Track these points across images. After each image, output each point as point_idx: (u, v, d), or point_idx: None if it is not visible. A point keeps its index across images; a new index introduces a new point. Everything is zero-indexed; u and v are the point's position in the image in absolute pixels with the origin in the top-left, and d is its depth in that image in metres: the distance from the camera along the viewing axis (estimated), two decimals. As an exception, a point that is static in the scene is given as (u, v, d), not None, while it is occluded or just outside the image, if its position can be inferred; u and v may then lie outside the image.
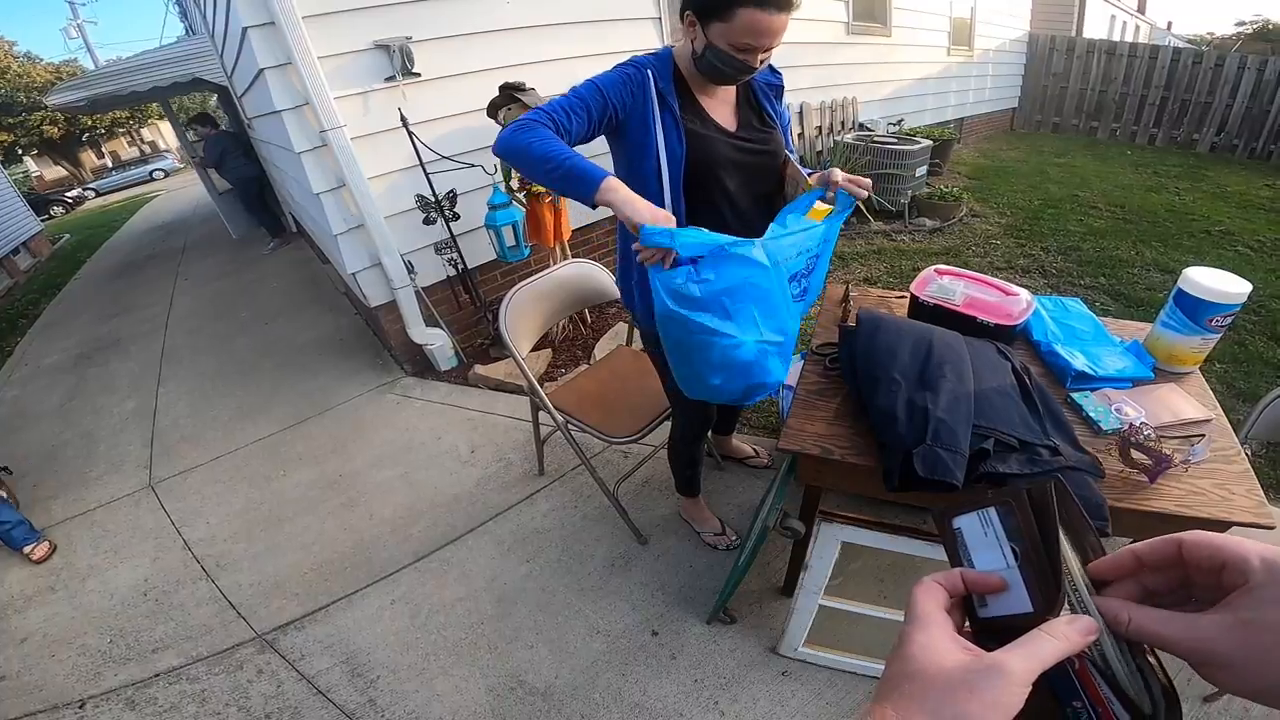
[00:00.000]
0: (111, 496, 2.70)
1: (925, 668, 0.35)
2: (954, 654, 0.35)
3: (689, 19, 1.16)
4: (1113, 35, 11.88)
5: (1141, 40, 12.55)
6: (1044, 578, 0.36)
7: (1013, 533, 0.37)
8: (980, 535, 0.39)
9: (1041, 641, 0.34)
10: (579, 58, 3.32)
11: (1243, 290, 1.22)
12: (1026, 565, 0.37)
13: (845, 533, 1.27)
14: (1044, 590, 0.36)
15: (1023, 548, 0.37)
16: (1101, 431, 1.12)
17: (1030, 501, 0.37)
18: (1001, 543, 0.38)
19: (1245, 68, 7.61)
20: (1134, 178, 6.50)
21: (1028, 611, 0.37)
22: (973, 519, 0.39)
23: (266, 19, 2.36)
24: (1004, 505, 0.38)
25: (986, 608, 0.39)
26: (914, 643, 0.36)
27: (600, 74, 1.23)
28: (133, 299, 5.74)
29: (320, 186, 2.75)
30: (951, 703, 0.32)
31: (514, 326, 1.89)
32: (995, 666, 0.33)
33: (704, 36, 1.15)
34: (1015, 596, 0.37)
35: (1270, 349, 3.02)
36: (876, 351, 1.14)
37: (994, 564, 0.38)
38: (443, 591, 1.97)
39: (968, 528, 0.40)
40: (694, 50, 1.20)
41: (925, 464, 0.94)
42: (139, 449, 3.06)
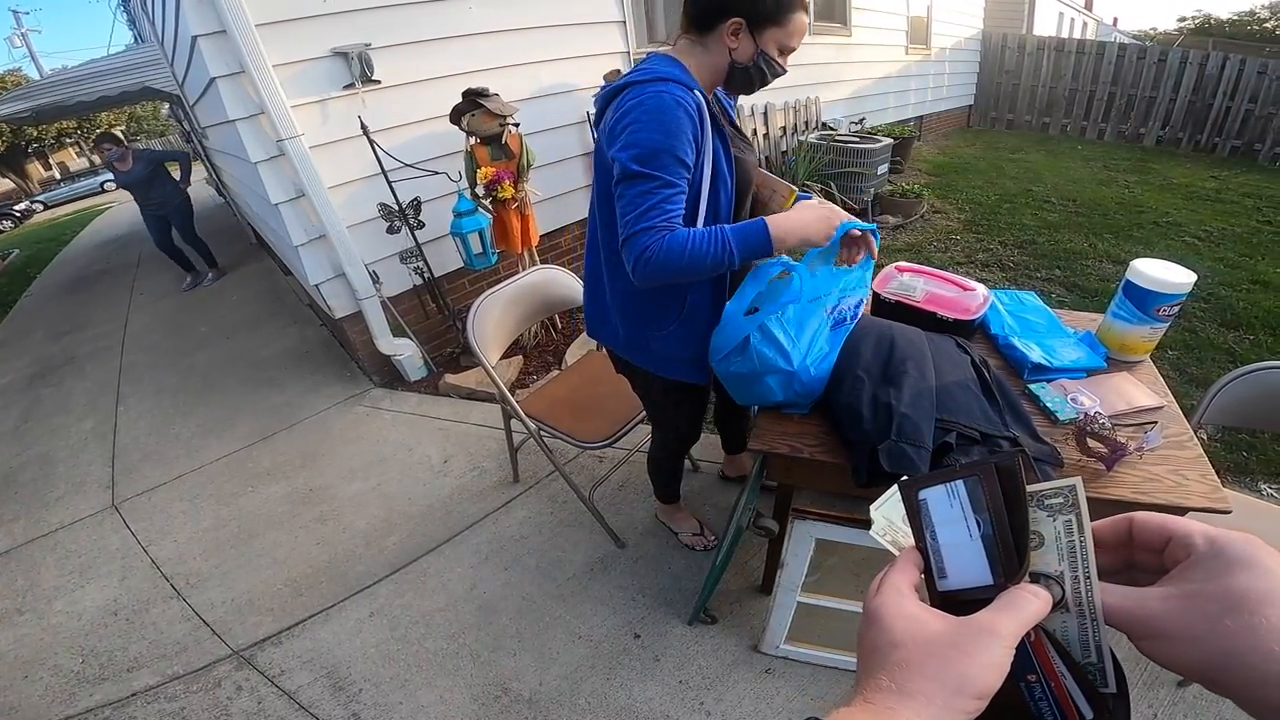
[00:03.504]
0: (74, 517, 2.62)
1: (912, 636, 0.34)
2: (934, 621, 0.35)
3: (732, 27, 1.10)
4: (1062, 32, 12.26)
5: (1089, 37, 12.98)
6: (1007, 549, 0.36)
7: (978, 506, 0.37)
8: (946, 509, 0.39)
9: (1024, 601, 0.34)
10: (544, 62, 3.33)
11: (1188, 280, 1.27)
12: (991, 537, 0.37)
13: (818, 529, 1.29)
14: (1006, 562, 0.36)
15: (987, 520, 0.37)
16: (1059, 421, 1.16)
17: (998, 475, 0.37)
18: (967, 516, 0.38)
19: (1187, 63, 7.93)
20: (1085, 172, 6.73)
21: (989, 584, 0.37)
22: (939, 492, 0.39)
23: (217, 27, 2.31)
24: (971, 478, 0.37)
25: (946, 580, 0.39)
26: (890, 614, 0.36)
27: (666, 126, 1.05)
28: (87, 315, 5.55)
29: (278, 197, 2.69)
30: (949, 665, 0.32)
31: (482, 335, 1.88)
32: (985, 627, 0.33)
33: (753, 44, 1.12)
34: (977, 568, 0.37)
35: (1220, 335, 3.14)
36: (842, 350, 1.16)
37: (957, 537, 0.38)
38: (422, 602, 1.95)
39: (934, 500, 0.39)
40: (733, 60, 1.14)
41: (891, 459, 0.96)
42: (100, 469, 2.97)
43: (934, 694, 0.32)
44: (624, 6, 3.63)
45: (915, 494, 0.40)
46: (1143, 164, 7.15)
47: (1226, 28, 23.50)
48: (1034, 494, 0.37)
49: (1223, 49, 8.68)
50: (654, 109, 1.04)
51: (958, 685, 0.32)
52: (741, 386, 1.19)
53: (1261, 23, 23.66)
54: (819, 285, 1.20)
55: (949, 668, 0.32)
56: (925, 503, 0.40)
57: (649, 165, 1.04)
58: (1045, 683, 0.36)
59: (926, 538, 0.40)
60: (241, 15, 2.27)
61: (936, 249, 4.36)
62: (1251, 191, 5.95)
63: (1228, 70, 7.63)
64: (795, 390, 1.14)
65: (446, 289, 3.26)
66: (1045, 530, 0.37)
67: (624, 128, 1.06)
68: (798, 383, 1.12)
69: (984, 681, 0.32)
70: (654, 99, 1.05)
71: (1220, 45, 11.34)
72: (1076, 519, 0.36)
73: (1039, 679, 0.37)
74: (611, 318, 1.36)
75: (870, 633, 0.36)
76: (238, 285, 5.55)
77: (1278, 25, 23.14)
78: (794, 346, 1.10)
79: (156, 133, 28.61)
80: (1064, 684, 0.36)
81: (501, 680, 1.70)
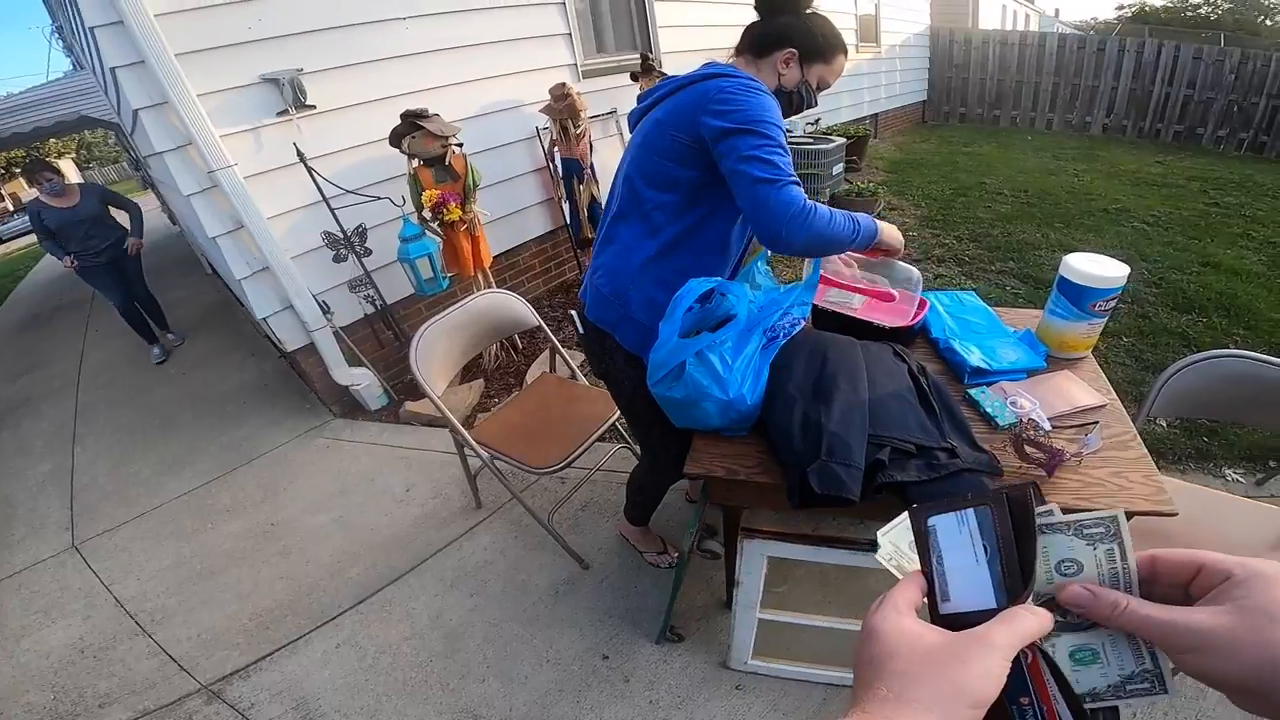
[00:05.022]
0: (36, 559, 2.58)
1: (909, 648, 0.35)
2: (930, 634, 0.36)
3: (786, 56, 1.24)
4: (1006, 25, 12.57)
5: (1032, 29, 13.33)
6: (1013, 574, 0.37)
7: (987, 532, 0.39)
8: (954, 535, 0.40)
9: (1021, 618, 0.35)
10: (488, 79, 3.29)
11: (1120, 274, 1.26)
12: (996, 562, 0.38)
13: (769, 548, 1.27)
14: (1010, 586, 0.37)
15: (993, 546, 0.38)
16: (999, 427, 1.14)
17: (1009, 504, 0.38)
18: (974, 542, 0.39)
19: (1125, 51, 8.18)
20: (1035, 162, 6.88)
21: (991, 608, 0.37)
22: (949, 519, 0.40)
23: (135, 58, 2.22)
24: (982, 508, 0.39)
25: (949, 603, 0.39)
26: (887, 629, 0.37)
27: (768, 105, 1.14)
28: (41, 354, 5.38)
29: (215, 229, 2.60)
30: (946, 674, 0.33)
31: (427, 365, 1.84)
32: (981, 639, 0.34)
33: (800, 74, 1.26)
34: (981, 592, 0.38)
35: (1173, 319, 3.20)
36: (772, 368, 1.14)
37: (963, 561, 0.39)
38: (388, 632, 1.93)
39: (943, 527, 0.40)
40: (781, 85, 1.26)
41: (821, 481, 0.94)
42: (59, 510, 2.91)
43: (931, 701, 0.32)
44: (569, 19, 3.61)
45: (924, 520, 0.41)
46: (1090, 152, 7.34)
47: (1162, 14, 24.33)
48: (1073, 524, 0.38)
49: (1159, 36, 8.99)
50: (758, 94, 1.14)
51: (954, 693, 0.33)
52: (678, 411, 1.16)
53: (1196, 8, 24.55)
54: (760, 309, 1.19)
55: (946, 676, 0.33)
56: (934, 529, 0.41)
57: (766, 127, 1.10)
58: (1037, 705, 0.37)
59: (933, 561, 0.40)
60: (159, 45, 2.19)
61: (893, 246, 4.39)
62: (1197, 175, 6.15)
63: (1164, 57, 7.89)
64: (731, 417, 1.12)
65: (401, 315, 3.19)
66: (1084, 558, 0.38)
67: (728, 99, 1.12)
68: (734, 410, 1.10)
69: (981, 690, 0.33)
70: (756, 88, 1.15)
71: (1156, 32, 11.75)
72: (1119, 547, 0.37)
73: (1031, 702, 0.37)
74: (630, 296, 1.29)
75: (868, 647, 0.37)
76: (195, 318, 5.39)
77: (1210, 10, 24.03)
78: (730, 373, 1.08)
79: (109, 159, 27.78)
80: (1056, 708, 0.37)
81: (471, 707, 1.68)
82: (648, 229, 1.25)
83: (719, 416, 1.11)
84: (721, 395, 1.07)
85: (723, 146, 1.11)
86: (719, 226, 1.25)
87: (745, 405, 1.09)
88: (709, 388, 1.07)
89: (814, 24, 1.25)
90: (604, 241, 1.35)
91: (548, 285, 4.10)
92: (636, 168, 1.26)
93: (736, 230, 1.29)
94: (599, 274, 1.34)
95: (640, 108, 1.33)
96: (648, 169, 1.23)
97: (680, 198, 1.21)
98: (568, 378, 2.24)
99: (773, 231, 1.08)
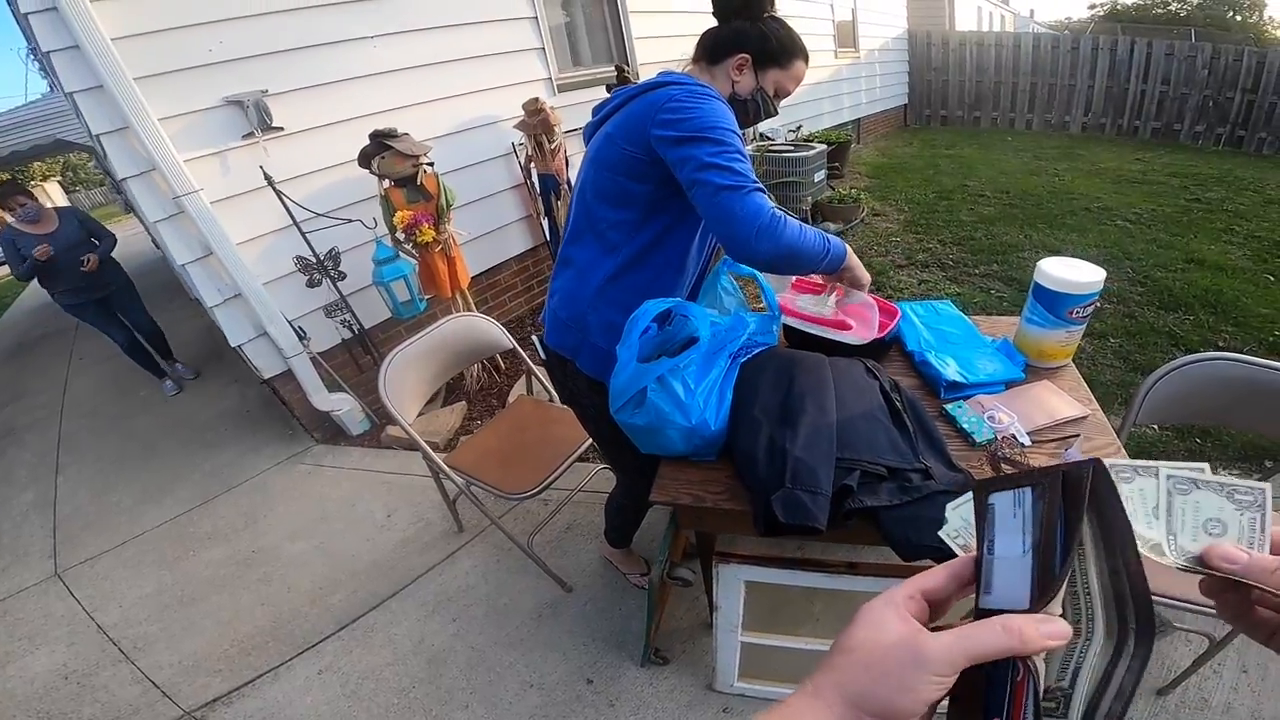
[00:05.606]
0: (19, 587, 2.58)
1: (862, 641, 0.34)
2: (894, 630, 0.33)
3: (739, 62, 1.20)
4: (982, 26, 12.65)
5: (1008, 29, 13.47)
6: (1044, 569, 0.33)
7: (1039, 517, 0.34)
8: (1009, 517, 0.36)
9: (981, 631, 0.31)
10: (461, 95, 3.26)
11: (1096, 279, 1.23)
12: (1036, 554, 0.33)
13: (745, 572, 1.23)
14: (1041, 583, 0.32)
15: (1038, 535, 0.33)
16: (976, 444, 1.10)
17: (1064, 486, 0.33)
18: (1025, 527, 0.34)
19: (1099, 49, 8.26)
20: (1016, 162, 6.92)
21: (1023, 608, 0.33)
22: (1007, 498, 0.36)
23: (93, 83, 2.17)
24: (1038, 485, 0.34)
25: (989, 596, 0.35)
26: (864, 617, 0.35)
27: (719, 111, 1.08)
28: (25, 383, 5.32)
29: (184, 257, 2.55)
30: (867, 677, 0.32)
31: (397, 393, 1.81)
32: (914, 647, 0.32)
33: (754, 80, 1.22)
34: (1018, 588, 0.34)
35: (1159, 317, 3.18)
36: (736, 389, 1.09)
37: (1011, 549, 0.35)
38: (370, 658, 1.92)
39: (1000, 506, 0.36)
40: (734, 93, 1.22)
41: (785, 509, 0.90)
42: (42, 539, 2.91)
43: (834, 702, 0.32)
44: (542, 33, 3.59)
45: (986, 496, 0.37)
46: (1070, 151, 7.39)
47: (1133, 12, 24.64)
48: (1226, 485, 0.37)
49: (1130, 34, 9.08)
50: (708, 99, 1.09)
51: (857, 698, 0.31)
52: (643, 437, 1.11)
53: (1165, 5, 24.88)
54: (726, 329, 1.15)
55: (858, 679, 0.32)
56: (993, 508, 0.37)
57: (721, 134, 1.05)
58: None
59: (984, 546, 0.37)
60: (117, 69, 2.14)
61: (877, 253, 4.38)
62: (1177, 171, 6.18)
63: (1137, 54, 7.97)
64: (696, 443, 1.07)
65: (380, 339, 3.14)
66: (1230, 521, 0.37)
67: (677, 107, 1.07)
68: (698, 436, 1.05)
69: (891, 703, 0.31)
70: (705, 94, 1.10)
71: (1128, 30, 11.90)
72: (1261, 519, 0.36)
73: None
74: (588, 321, 1.24)
75: (843, 632, 0.35)
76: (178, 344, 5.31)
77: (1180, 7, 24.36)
78: (692, 399, 1.03)
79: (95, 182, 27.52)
80: None
81: (454, 733, 1.63)
82: (603, 249, 1.20)
83: (683, 442, 1.07)
84: (684, 422, 1.03)
85: (677, 156, 1.05)
86: (677, 242, 1.20)
87: (709, 431, 1.04)
88: (671, 414, 1.02)
89: (769, 28, 1.20)
90: (560, 264, 1.30)
91: (530, 304, 4.05)
92: (589, 185, 1.21)
93: (695, 245, 1.24)
94: (556, 298, 1.29)
95: (593, 121, 1.27)
96: (600, 185, 1.18)
97: (635, 214, 1.16)
98: (545, 400, 2.20)
99: (740, 241, 1.02)
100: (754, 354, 1.15)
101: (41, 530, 2.99)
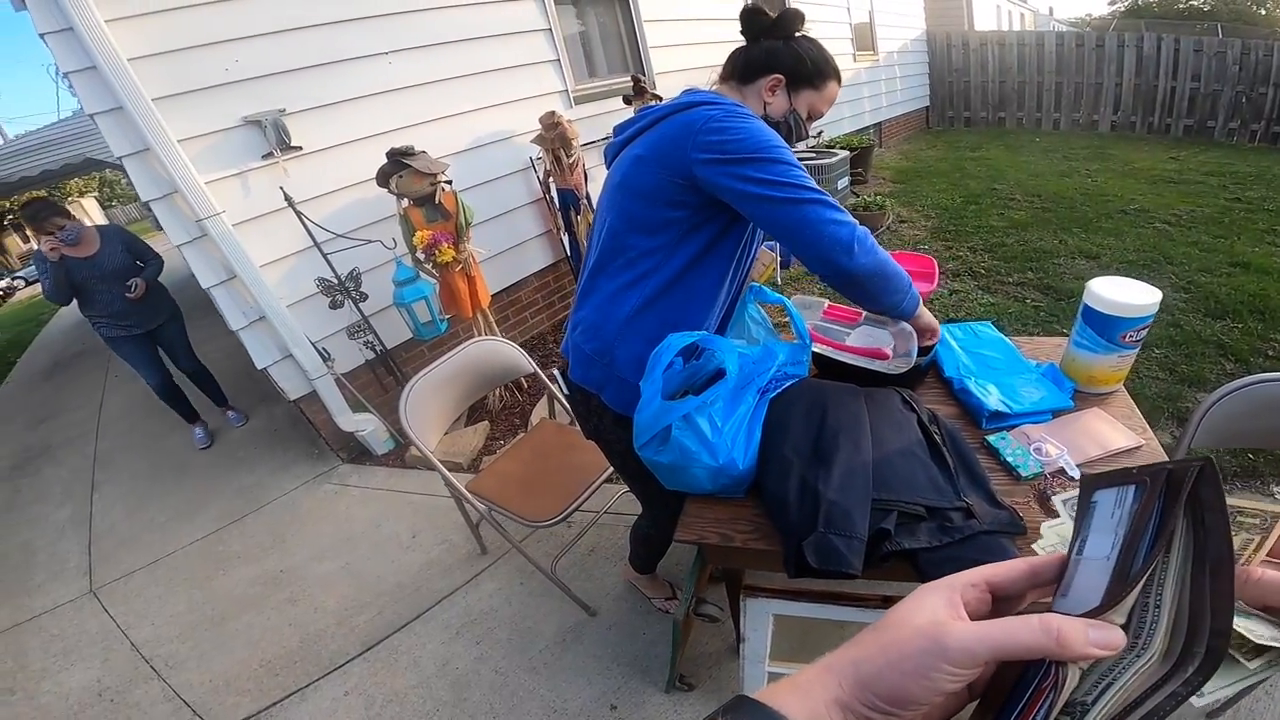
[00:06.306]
0: (55, 603, 2.65)
1: (893, 621, 0.33)
2: (926, 613, 0.32)
3: (772, 83, 1.17)
4: (1001, 25, 12.45)
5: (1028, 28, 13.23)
6: (1120, 574, 0.30)
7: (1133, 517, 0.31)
8: (1107, 516, 0.33)
9: (1013, 625, 0.29)
10: (478, 110, 3.26)
11: (1153, 300, 1.14)
12: (1120, 556, 0.31)
13: (774, 605, 1.17)
14: (1114, 587, 0.30)
15: (1127, 536, 0.31)
16: (1022, 478, 1.03)
17: (1168, 485, 0.30)
18: (1119, 528, 0.32)
19: (1124, 46, 8.05)
20: (1046, 164, 6.74)
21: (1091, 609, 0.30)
22: (1110, 495, 0.33)
23: (113, 104, 2.19)
24: (1142, 485, 0.32)
25: (1064, 599, 0.33)
26: (910, 601, 0.33)
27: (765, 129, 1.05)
28: (63, 401, 5.48)
29: (209, 280, 2.57)
30: (874, 657, 0.31)
31: (417, 420, 1.80)
32: (935, 633, 0.30)
33: (788, 102, 1.19)
34: (1094, 592, 0.31)
35: (1206, 326, 3.02)
36: (766, 425, 1.04)
37: (1099, 550, 0.32)
38: (394, 681, 1.92)
39: (1103, 504, 0.34)
40: (767, 114, 1.19)
41: (818, 554, 0.84)
42: (78, 556, 2.99)
43: (845, 679, 0.31)
44: (557, 45, 3.58)
45: (1091, 494, 0.35)
46: (1102, 151, 7.19)
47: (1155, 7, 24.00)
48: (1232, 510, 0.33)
49: (1155, 30, 8.85)
50: (750, 119, 1.05)
51: (869, 678, 0.30)
52: (668, 475, 1.07)
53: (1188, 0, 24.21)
54: (754, 362, 1.10)
55: (874, 658, 0.31)
56: (1095, 505, 0.35)
57: (779, 153, 1.01)
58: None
59: (1075, 546, 0.34)
60: (135, 89, 2.15)
61: (904, 261, 4.27)
62: (1214, 169, 5.96)
63: (1164, 51, 7.75)
64: (723, 482, 1.02)
65: (404, 359, 3.15)
66: None
67: (723, 129, 1.02)
68: (725, 475, 1.00)
69: (900, 688, 0.29)
70: (745, 114, 1.06)
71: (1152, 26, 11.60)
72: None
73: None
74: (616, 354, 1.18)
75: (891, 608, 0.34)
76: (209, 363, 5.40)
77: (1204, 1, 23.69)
78: (719, 438, 0.99)
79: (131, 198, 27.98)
80: None
81: (477, 759, 1.61)
82: (632, 278, 1.14)
83: (710, 481, 1.02)
84: (711, 461, 0.98)
85: (731, 180, 1.00)
86: (709, 271, 1.15)
87: (737, 470, 0.99)
88: (697, 453, 0.98)
89: (802, 48, 1.16)
90: (584, 294, 1.24)
91: (552, 320, 4.03)
92: (617, 211, 1.15)
93: (729, 274, 1.19)
94: (579, 330, 1.24)
95: (617, 142, 1.22)
96: (630, 211, 1.12)
97: (667, 242, 1.11)
98: (567, 423, 2.16)
99: (838, 251, 0.98)
100: (784, 387, 1.09)
101: (77, 547, 3.07)
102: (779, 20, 1.16)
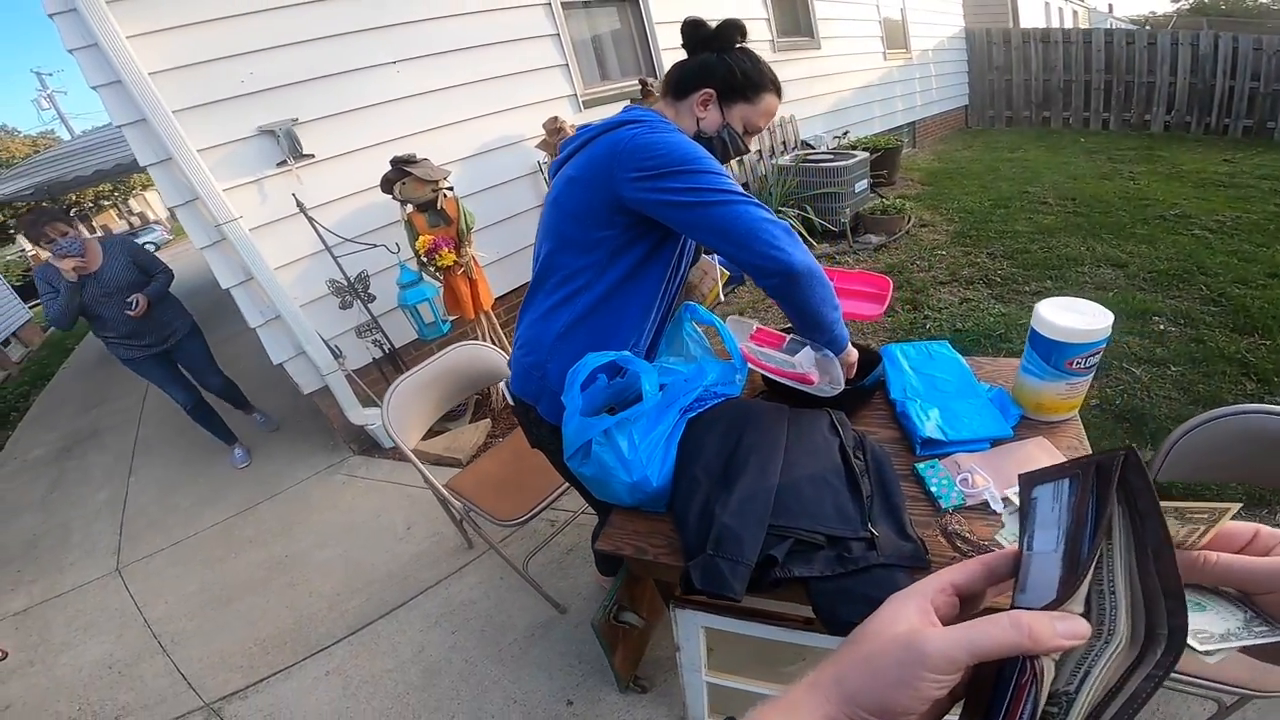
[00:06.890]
0: (84, 580, 2.83)
1: (872, 632, 0.33)
2: (903, 622, 0.33)
3: (703, 98, 1.16)
4: (1050, 22, 11.88)
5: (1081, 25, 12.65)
6: (1070, 564, 0.31)
7: (1072, 508, 0.33)
8: (1048, 510, 0.34)
9: (987, 626, 0.30)
10: (485, 116, 3.33)
11: (1101, 325, 1.09)
12: (1066, 546, 0.32)
13: (703, 618, 1.19)
14: (1067, 577, 0.31)
15: (1070, 526, 0.32)
16: (941, 509, 1.02)
17: (1096, 475, 0.32)
18: (1060, 521, 0.33)
19: (1179, 44, 7.65)
20: (1087, 165, 6.46)
21: (1050, 601, 0.31)
22: (1048, 490, 0.35)
23: (136, 116, 2.33)
24: (1077, 478, 0.33)
25: (1024, 595, 0.34)
26: (885, 609, 0.34)
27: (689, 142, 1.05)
28: (110, 389, 5.76)
29: (228, 281, 2.72)
30: (859, 673, 0.31)
31: (400, 420, 1.89)
32: (913, 642, 0.31)
33: (720, 117, 1.17)
34: (1048, 587, 0.32)
35: (1233, 342, 2.84)
36: (685, 442, 1.06)
37: (1046, 545, 0.34)
38: (373, 664, 2.02)
39: (1042, 500, 0.35)
40: (700, 130, 1.18)
41: (703, 576, 0.86)
42: (109, 537, 3.18)
43: (832, 694, 0.31)
44: (565, 49, 3.62)
45: (1031, 490, 0.36)
46: (1150, 152, 6.85)
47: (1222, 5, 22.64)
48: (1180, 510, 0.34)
49: (1219, 28, 8.37)
50: (673, 132, 1.06)
51: (854, 694, 0.31)
52: (595, 486, 1.10)
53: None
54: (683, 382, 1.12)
55: (857, 673, 0.31)
56: (1036, 502, 0.35)
57: (702, 163, 1.02)
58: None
59: (1024, 543, 0.35)
60: (156, 102, 2.28)
61: (919, 267, 4.17)
62: (1269, 173, 5.60)
63: (1222, 49, 7.33)
64: (639, 498, 1.05)
65: (412, 357, 3.24)
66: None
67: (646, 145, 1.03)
68: (640, 491, 1.03)
69: (887, 701, 0.30)
70: (667, 128, 1.07)
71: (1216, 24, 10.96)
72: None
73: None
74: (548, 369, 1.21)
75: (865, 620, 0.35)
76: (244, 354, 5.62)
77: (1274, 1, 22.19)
78: (635, 454, 1.01)
79: None
80: None
81: (438, 743, 1.71)
82: (564, 296, 1.17)
83: (628, 496, 1.05)
84: (626, 477, 1.01)
85: (657, 194, 1.01)
86: (640, 291, 1.17)
87: (650, 487, 1.02)
88: (615, 468, 1.01)
89: (735, 60, 1.15)
90: (523, 309, 1.28)
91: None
92: (551, 230, 1.18)
93: (659, 294, 1.21)
94: (519, 345, 1.28)
95: (558, 160, 1.22)
96: (562, 231, 1.15)
97: (597, 261, 1.13)
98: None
99: (770, 246, 0.98)
100: (709, 407, 1.11)
101: (110, 528, 3.26)
102: (718, 31, 1.15)
